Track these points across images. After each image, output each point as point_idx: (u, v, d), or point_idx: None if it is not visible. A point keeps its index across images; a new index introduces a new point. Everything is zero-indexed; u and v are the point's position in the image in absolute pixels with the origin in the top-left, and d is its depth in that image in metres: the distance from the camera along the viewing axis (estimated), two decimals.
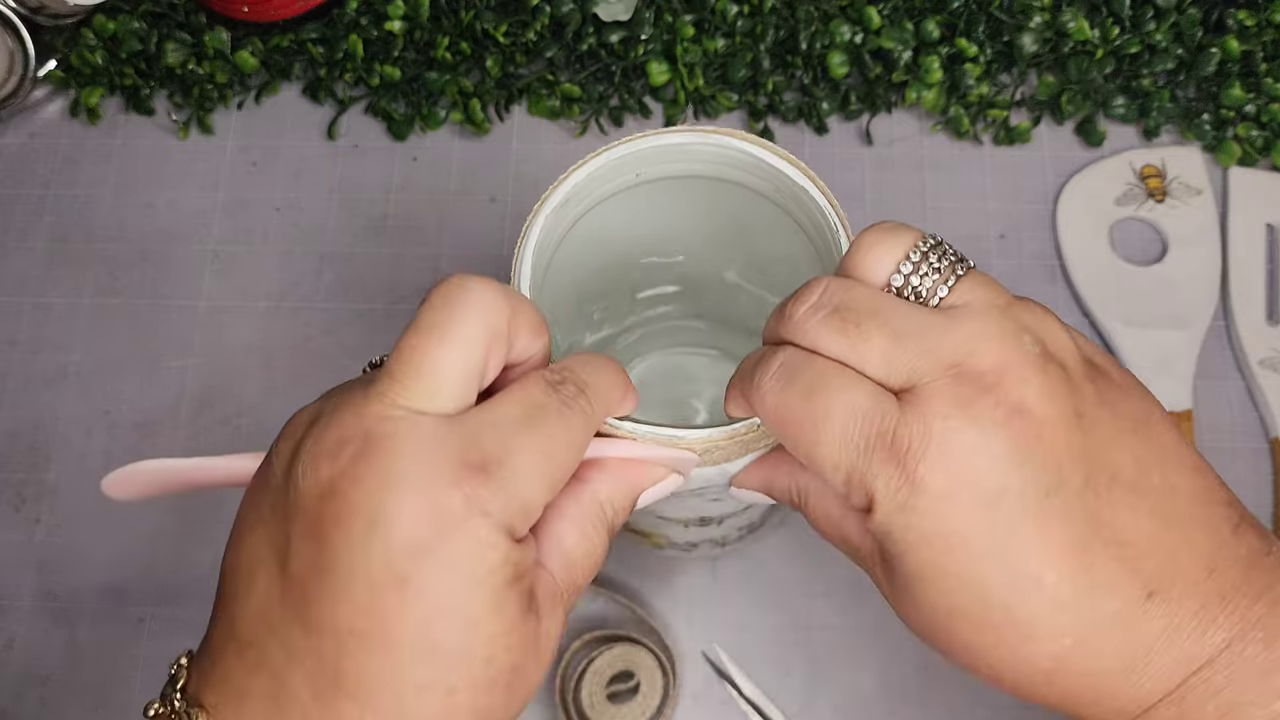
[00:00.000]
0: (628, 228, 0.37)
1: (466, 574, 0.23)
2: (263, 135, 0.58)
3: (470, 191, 0.56)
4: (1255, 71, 0.54)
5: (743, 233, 0.38)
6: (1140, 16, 0.55)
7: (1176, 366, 0.51)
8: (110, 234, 0.56)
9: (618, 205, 0.35)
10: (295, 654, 0.23)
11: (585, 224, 0.35)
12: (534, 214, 0.32)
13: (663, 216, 0.38)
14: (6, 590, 0.50)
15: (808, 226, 0.34)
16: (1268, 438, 0.50)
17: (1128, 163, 0.55)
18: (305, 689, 0.23)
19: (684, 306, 0.45)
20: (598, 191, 0.34)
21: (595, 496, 0.27)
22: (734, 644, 0.48)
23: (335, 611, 0.23)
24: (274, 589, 0.24)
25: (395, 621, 0.23)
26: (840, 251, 0.31)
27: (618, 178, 0.34)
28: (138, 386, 0.53)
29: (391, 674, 0.23)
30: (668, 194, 0.36)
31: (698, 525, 0.41)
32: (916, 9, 0.55)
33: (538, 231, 0.32)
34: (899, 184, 0.56)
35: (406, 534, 0.23)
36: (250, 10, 0.56)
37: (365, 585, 0.23)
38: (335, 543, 0.23)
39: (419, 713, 0.23)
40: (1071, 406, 0.24)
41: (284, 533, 0.24)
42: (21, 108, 0.59)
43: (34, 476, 0.52)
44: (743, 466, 0.32)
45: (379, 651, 0.23)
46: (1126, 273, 0.53)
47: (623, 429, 0.28)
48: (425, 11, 0.56)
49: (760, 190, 0.34)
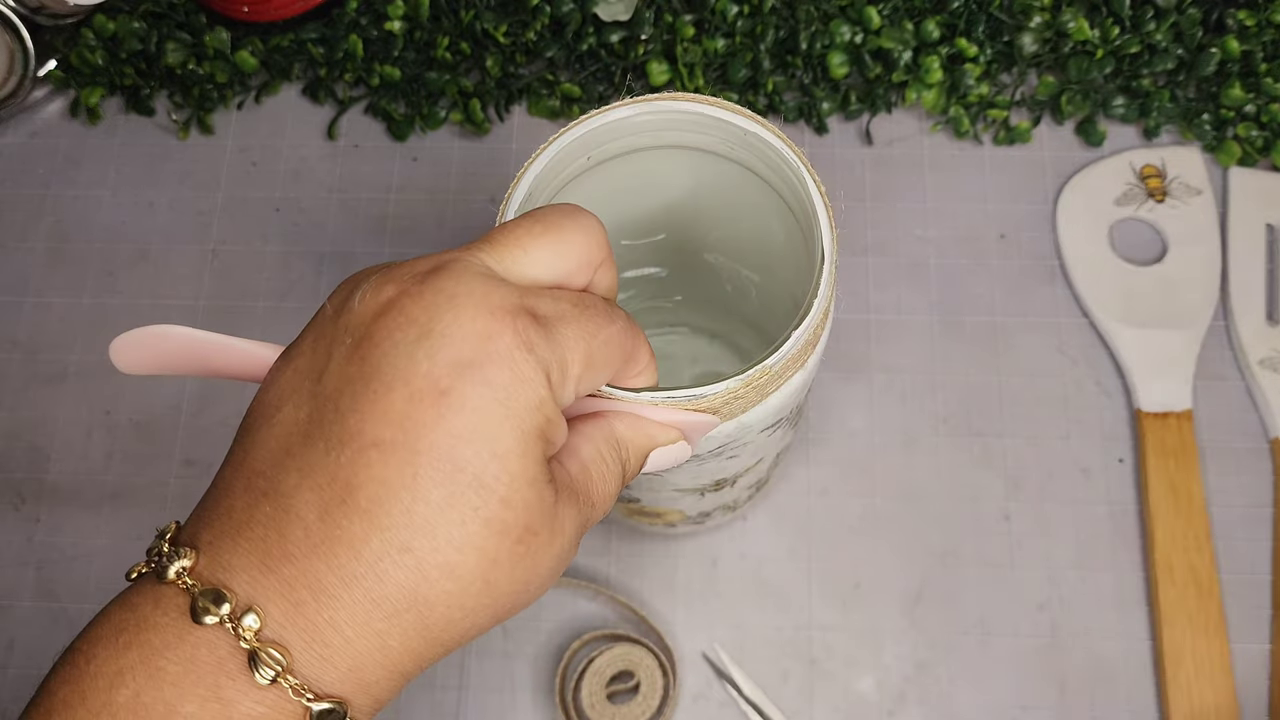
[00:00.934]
0: (597, 212, 0.37)
1: (503, 402, 0.23)
2: (263, 135, 0.58)
3: (470, 192, 0.56)
4: (1255, 71, 0.54)
5: (710, 200, 0.38)
6: (1140, 16, 0.55)
7: (1176, 367, 0.51)
8: (110, 234, 0.56)
9: (579, 191, 0.35)
10: (310, 473, 0.23)
11: (570, 191, 0.35)
12: (499, 218, 0.32)
13: (630, 196, 0.38)
14: (6, 590, 0.50)
15: (770, 178, 0.34)
16: (1267, 438, 0.50)
17: (1128, 163, 0.55)
18: (312, 508, 0.23)
19: (661, 287, 0.45)
20: (556, 180, 0.34)
21: (613, 431, 0.28)
22: (734, 644, 0.48)
23: (365, 422, 0.23)
24: (300, 414, 0.24)
25: (426, 433, 0.23)
26: (805, 189, 0.31)
27: (573, 163, 0.34)
28: (138, 386, 0.53)
29: (409, 488, 0.22)
30: (630, 172, 0.36)
31: (713, 490, 0.41)
32: (916, 9, 0.55)
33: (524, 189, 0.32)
34: (899, 184, 0.56)
35: (455, 348, 0.23)
36: (250, 10, 0.56)
37: (404, 393, 0.23)
38: (382, 352, 0.23)
39: (427, 534, 0.23)
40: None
41: (326, 356, 0.24)
42: (22, 107, 0.59)
43: (34, 476, 0.52)
44: (760, 417, 0.32)
45: (402, 464, 0.22)
46: (1126, 273, 0.53)
47: (643, 398, 0.29)
48: (425, 11, 0.56)
49: (717, 151, 0.34)
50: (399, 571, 0.23)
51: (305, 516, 0.23)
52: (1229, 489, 0.49)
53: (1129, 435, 0.51)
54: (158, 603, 0.23)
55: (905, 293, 0.53)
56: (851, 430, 0.51)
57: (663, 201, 0.39)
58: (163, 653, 0.22)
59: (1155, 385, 0.50)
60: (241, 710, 0.22)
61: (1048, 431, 0.51)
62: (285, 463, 0.23)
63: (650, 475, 0.39)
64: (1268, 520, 0.49)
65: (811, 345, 0.33)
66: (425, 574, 0.23)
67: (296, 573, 0.22)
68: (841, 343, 0.53)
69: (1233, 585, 0.48)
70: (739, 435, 0.33)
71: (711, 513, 0.46)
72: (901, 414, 0.51)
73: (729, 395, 0.30)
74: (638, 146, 0.35)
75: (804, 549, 0.50)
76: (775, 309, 0.41)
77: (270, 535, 0.23)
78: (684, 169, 0.36)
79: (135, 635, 0.22)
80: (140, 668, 0.22)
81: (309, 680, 0.22)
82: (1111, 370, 0.52)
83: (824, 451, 0.51)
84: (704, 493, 0.41)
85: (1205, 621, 0.46)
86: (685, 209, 0.39)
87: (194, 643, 0.22)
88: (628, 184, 0.36)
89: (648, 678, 0.47)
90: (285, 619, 0.22)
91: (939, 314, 0.53)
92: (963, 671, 0.48)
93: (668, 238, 0.41)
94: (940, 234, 0.55)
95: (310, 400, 0.24)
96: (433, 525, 0.23)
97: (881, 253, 0.54)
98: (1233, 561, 0.48)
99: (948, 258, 0.54)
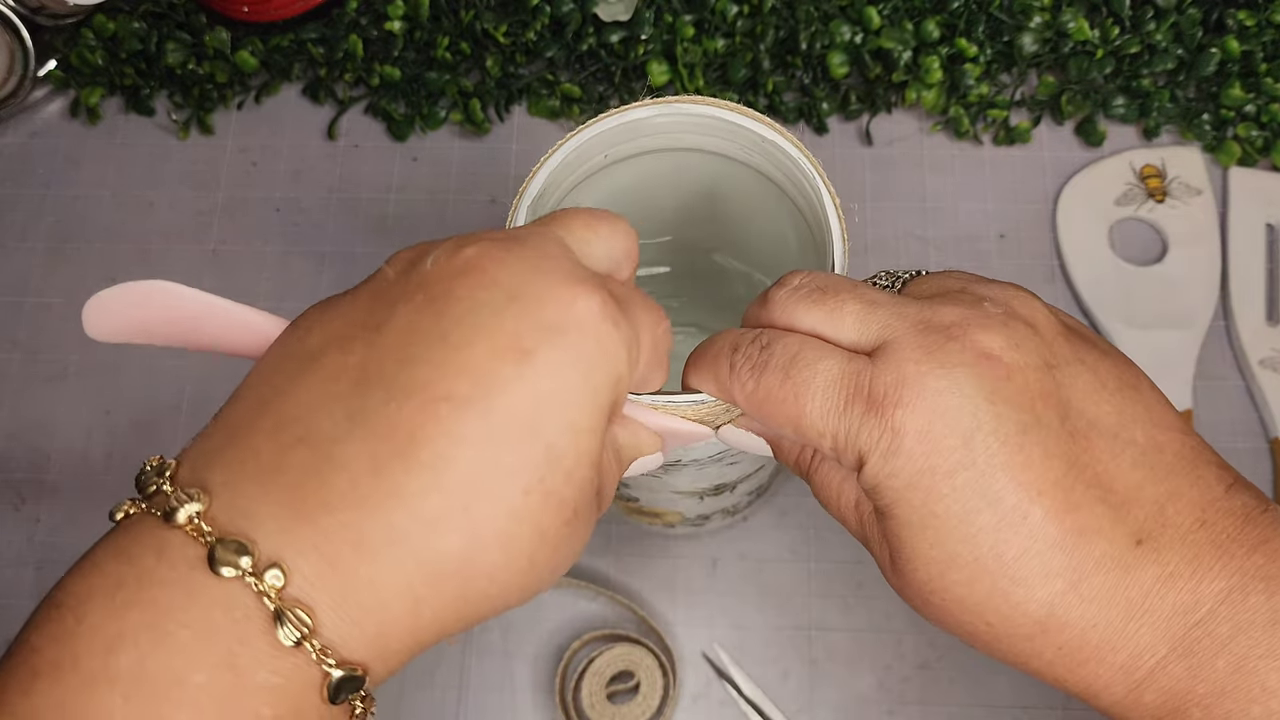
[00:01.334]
0: (623, 195, 0.37)
1: (585, 373, 0.22)
2: (263, 135, 0.58)
3: (470, 192, 0.56)
4: (1255, 71, 0.54)
5: (724, 204, 0.38)
6: (1140, 17, 0.55)
7: (1176, 367, 0.51)
8: (110, 234, 0.56)
9: (593, 189, 0.35)
10: (362, 421, 0.21)
11: (578, 194, 0.35)
12: (513, 210, 0.32)
13: (641, 196, 0.38)
14: (6, 590, 0.50)
15: (785, 184, 0.34)
16: (1267, 438, 0.50)
17: (1128, 163, 0.55)
18: (362, 459, 0.21)
19: (670, 286, 0.45)
20: (571, 178, 0.34)
21: (613, 434, 0.27)
22: (734, 644, 0.48)
23: (437, 374, 0.21)
24: (351, 360, 0.22)
25: (505, 392, 0.21)
26: (819, 198, 0.31)
27: (588, 160, 0.34)
28: (138, 386, 0.53)
29: (478, 446, 0.21)
30: (643, 172, 0.36)
31: (712, 495, 0.41)
32: (916, 9, 0.55)
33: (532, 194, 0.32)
34: (899, 184, 0.56)
35: (544, 311, 0.22)
36: (250, 10, 0.56)
37: (486, 348, 0.21)
38: (465, 308, 0.22)
39: (490, 498, 0.21)
40: (1040, 357, 0.24)
41: (388, 309, 0.23)
42: (22, 108, 0.59)
43: (34, 476, 0.52)
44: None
45: (476, 420, 0.21)
46: (1126, 273, 0.53)
47: (644, 400, 0.29)
48: (425, 11, 0.56)
49: (733, 155, 0.34)
50: (454, 534, 0.21)
51: (352, 466, 0.21)
52: None
53: None
54: (161, 553, 0.20)
55: None
56: None
57: (675, 203, 0.39)
58: (171, 614, 0.20)
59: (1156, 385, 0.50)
60: (257, 680, 0.20)
61: None
62: (322, 412, 0.21)
63: (648, 491, 0.39)
64: None
65: None
66: (480, 539, 0.21)
67: (336, 524, 0.21)
68: None
69: None
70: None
71: (711, 516, 0.46)
72: None
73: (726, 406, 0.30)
74: (653, 148, 0.35)
75: (805, 549, 0.50)
76: None
77: (308, 483, 0.21)
78: (698, 171, 0.36)
79: (136, 593, 0.20)
80: (144, 633, 0.19)
81: (332, 644, 0.21)
82: None
83: None
84: (703, 496, 0.41)
85: None
86: (697, 211, 0.39)
87: (207, 602, 0.20)
88: (641, 183, 0.36)
89: (648, 677, 0.47)
90: (316, 575, 0.20)
91: None
92: (963, 672, 0.48)
93: (675, 239, 0.41)
94: (940, 234, 0.55)
95: (365, 348, 0.22)
96: (497, 490, 0.21)
97: (881, 252, 0.54)
98: None
99: (948, 258, 0.54)
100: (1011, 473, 0.23)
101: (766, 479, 0.44)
